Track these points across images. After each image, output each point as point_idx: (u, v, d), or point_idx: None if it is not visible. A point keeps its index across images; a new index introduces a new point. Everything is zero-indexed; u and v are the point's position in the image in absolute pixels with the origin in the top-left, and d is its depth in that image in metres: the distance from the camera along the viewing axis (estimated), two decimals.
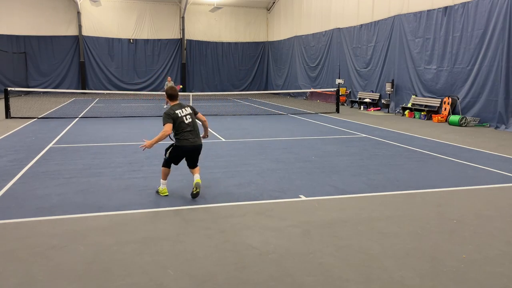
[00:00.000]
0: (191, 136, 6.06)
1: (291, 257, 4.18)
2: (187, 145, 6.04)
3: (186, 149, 6.08)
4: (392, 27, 19.55)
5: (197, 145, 6.12)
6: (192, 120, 6.13)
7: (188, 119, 6.09)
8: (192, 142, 6.05)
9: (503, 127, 13.80)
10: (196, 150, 6.15)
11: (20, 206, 5.63)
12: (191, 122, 6.11)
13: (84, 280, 3.68)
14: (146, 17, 32.52)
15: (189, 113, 6.15)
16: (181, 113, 6.06)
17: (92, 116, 16.50)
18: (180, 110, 6.09)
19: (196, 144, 6.09)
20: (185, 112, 6.11)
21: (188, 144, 6.04)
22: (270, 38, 35.07)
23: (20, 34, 29.81)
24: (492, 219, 5.34)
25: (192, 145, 6.06)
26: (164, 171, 6.19)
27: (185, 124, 6.04)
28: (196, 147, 6.12)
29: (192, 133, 6.07)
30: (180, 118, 6.03)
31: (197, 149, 6.16)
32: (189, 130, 6.05)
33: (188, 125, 6.06)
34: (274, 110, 20.44)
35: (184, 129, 6.02)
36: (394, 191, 6.54)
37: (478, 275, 3.85)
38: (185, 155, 6.16)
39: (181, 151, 6.10)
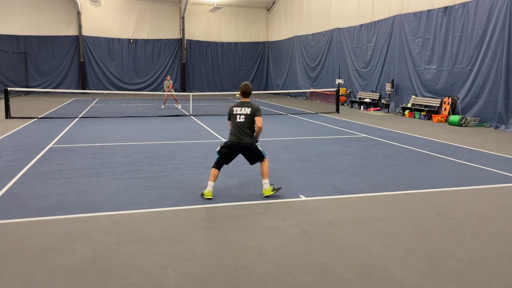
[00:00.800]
0: (237, 133, 6.12)
1: (291, 257, 4.18)
2: (233, 140, 6.13)
3: (232, 144, 6.14)
4: (392, 27, 19.55)
5: (244, 142, 6.10)
6: (244, 121, 6.12)
7: (241, 118, 6.13)
8: (237, 139, 6.10)
9: (503, 127, 13.80)
10: (242, 148, 6.15)
11: (20, 206, 5.63)
12: (242, 123, 6.12)
13: (84, 280, 3.68)
14: (146, 17, 32.51)
15: (246, 113, 6.13)
16: (237, 111, 6.16)
17: (92, 116, 16.51)
18: (238, 107, 6.18)
19: (241, 142, 6.09)
20: (242, 111, 6.15)
21: (234, 140, 6.12)
22: (270, 38, 35.07)
23: (20, 34, 29.80)
24: (492, 219, 5.34)
25: (238, 141, 6.10)
26: (213, 172, 6.16)
27: (236, 121, 6.15)
28: (241, 145, 6.11)
29: (240, 131, 6.10)
30: (234, 116, 6.17)
31: (243, 148, 6.14)
32: (238, 127, 6.12)
33: (238, 123, 6.12)
34: (274, 110, 20.44)
35: (235, 126, 6.16)
36: (394, 191, 6.54)
37: (478, 275, 3.85)
38: (232, 151, 6.19)
39: (227, 146, 6.18)
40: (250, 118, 6.13)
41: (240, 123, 6.12)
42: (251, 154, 6.22)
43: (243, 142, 6.10)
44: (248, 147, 6.15)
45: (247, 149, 6.16)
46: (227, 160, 6.26)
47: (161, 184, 6.76)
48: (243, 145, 6.11)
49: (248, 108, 6.16)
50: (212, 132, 12.61)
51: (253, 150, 6.19)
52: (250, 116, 6.13)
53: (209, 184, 6.08)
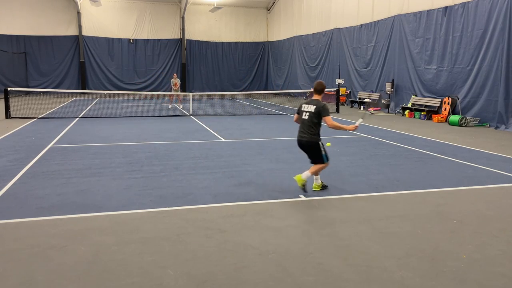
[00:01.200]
0: (300, 130, 6.36)
1: (291, 257, 4.18)
2: (297, 138, 6.44)
3: (297, 141, 6.46)
4: (392, 27, 19.55)
5: (304, 140, 6.28)
6: (308, 118, 6.26)
7: (305, 115, 6.29)
8: (299, 137, 6.37)
9: (503, 127, 13.79)
10: (302, 145, 6.37)
11: (20, 206, 5.63)
12: (305, 120, 6.28)
13: (84, 280, 3.68)
14: (146, 17, 32.51)
15: (310, 111, 6.26)
16: (304, 107, 6.34)
17: (92, 116, 16.51)
18: (306, 104, 6.35)
19: (303, 140, 6.31)
20: (308, 108, 6.29)
21: (297, 138, 6.43)
22: (270, 38, 35.06)
23: (20, 34, 29.80)
24: (492, 219, 5.34)
25: (299, 139, 6.39)
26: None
27: (301, 118, 6.36)
28: (303, 143, 6.32)
29: (302, 128, 6.31)
30: (301, 112, 6.38)
31: (303, 145, 6.34)
32: (302, 124, 6.32)
33: (303, 120, 6.31)
34: (274, 110, 20.44)
35: (300, 122, 6.40)
36: (394, 191, 6.54)
37: (478, 275, 3.85)
38: (300, 147, 6.47)
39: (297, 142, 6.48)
40: (313, 116, 6.22)
41: (304, 120, 6.29)
42: (311, 152, 6.35)
43: (303, 140, 6.31)
44: (308, 145, 6.30)
45: (307, 147, 6.32)
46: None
47: (161, 184, 6.76)
48: (303, 143, 6.32)
49: (313, 106, 6.26)
50: (212, 132, 12.61)
51: (314, 150, 6.30)
52: (313, 114, 6.22)
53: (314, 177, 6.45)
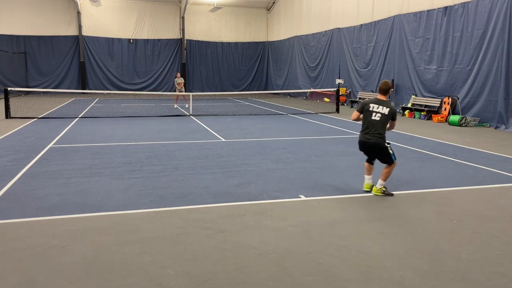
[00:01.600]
0: (366, 132, 6.07)
1: (291, 257, 4.18)
2: (361, 139, 6.17)
3: (360, 142, 6.21)
4: (392, 27, 19.55)
5: (372, 142, 6.03)
6: (380, 120, 5.96)
7: (376, 116, 5.97)
8: (365, 138, 6.09)
9: (503, 127, 13.79)
10: (368, 146, 6.12)
11: (20, 206, 5.63)
12: (376, 121, 5.96)
13: (84, 280, 3.68)
14: (146, 17, 32.51)
15: (383, 113, 5.97)
16: (373, 107, 6.01)
17: (92, 116, 16.51)
18: (375, 104, 6.01)
19: (370, 141, 6.05)
20: (379, 109, 5.97)
21: (362, 139, 6.16)
22: (270, 38, 35.06)
23: (20, 34, 29.79)
24: (492, 219, 5.34)
25: (365, 140, 6.12)
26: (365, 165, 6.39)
27: (370, 118, 6.00)
28: (371, 144, 6.06)
29: (370, 130, 6.02)
30: (369, 112, 6.01)
31: (370, 146, 6.09)
32: (371, 125, 6.00)
33: (373, 121, 5.98)
34: (274, 110, 20.44)
35: (367, 123, 6.04)
36: (394, 191, 6.54)
37: (478, 275, 3.85)
38: (363, 149, 6.25)
39: (359, 143, 6.24)
40: (386, 119, 6.00)
41: (374, 121, 5.97)
42: (380, 153, 6.13)
43: (370, 141, 6.07)
44: (375, 146, 6.07)
45: (374, 148, 6.11)
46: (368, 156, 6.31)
47: (161, 184, 6.76)
48: (370, 144, 6.09)
49: (386, 108, 6.00)
50: (212, 132, 12.61)
51: (382, 150, 6.08)
52: (387, 117, 5.99)
53: (365, 177, 6.32)
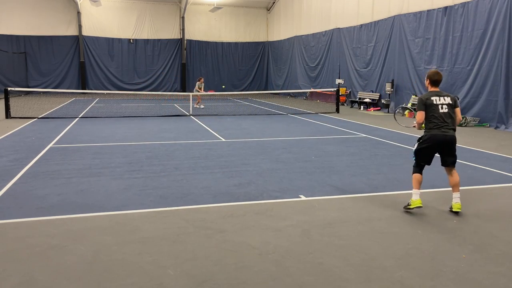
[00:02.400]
0: (442, 125, 5.40)
1: (291, 257, 4.18)
2: (436, 134, 5.39)
3: (435, 138, 5.41)
4: (392, 27, 19.55)
5: (450, 136, 5.41)
6: (448, 111, 5.44)
7: (444, 108, 5.43)
8: (443, 132, 5.39)
9: (503, 127, 13.80)
10: (446, 143, 5.43)
11: (20, 206, 5.63)
12: (446, 113, 5.43)
13: (84, 280, 3.68)
14: (146, 17, 32.51)
15: (448, 103, 5.46)
16: (436, 100, 5.46)
17: (92, 116, 16.51)
18: (437, 97, 5.47)
19: (448, 135, 5.39)
20: (443, 100, 5.46)
21: (438, 133, 5.39)
22: (270, 38, 35.07)
23: (20, 34, 29.80)
24: (492, 219, 5.34)
25: (444, 135, 5.38)
26: (414, 178, 5.57)
27: (439, 112, 5.42)
28: (449, 139, 5.41)
29: (444, 123, 5.41)
30: (435, 106, 5.43)
31: (448, 142, 5.42)
32: (442, 119, 5.41)
33: (443, 114, 5.42)
34: (274, 110, 20.44)
35: (438, 117, 5.42)
36: (394, 191, 6.54)
37: (478, 275, 3.85)
38: (434, 146, 5.47)
39: (431, 141, 5.44)
40: (451, 108, 5.47)
41: (444, 114, 5.40)
42: (452, 151, 5.49)
43: (448, 135, 5.40)
44: (453, 141, 5.46)
45: (451, 144, 5.45)
46: (429, 159, 5.56)
47: (161, 184, 6.76)
48: (449, 139, 5.41)
49: (447, 97, 5.49)
50: (212, 132, 12.61)
51: (455, 147, 5.50)
52: (451, 106, 5.47)
53: (414, 192, 5.50)
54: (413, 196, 5.50)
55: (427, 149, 5.49)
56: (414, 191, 5.50)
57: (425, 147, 5.48)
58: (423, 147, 5.50)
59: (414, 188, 5.52)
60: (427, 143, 5.46)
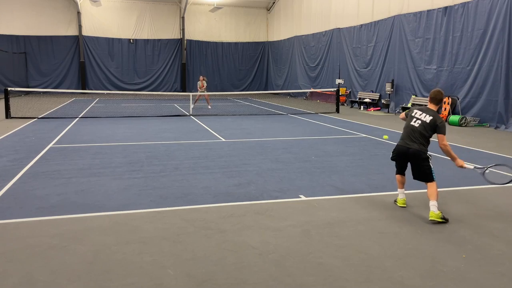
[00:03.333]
0: (406, 137, 5.44)
1: (291, 257, 4.18)
2: (400, 144, 5.52)
3: (398, 150, 5.54)
4: (392, 27, 19.55)
5: (410, 149, 5.36)
6: (418, 127, 5.35)
7: (416, 123, 5.39)
8: (404, 144, 5.43)
9: (503, 127, 13.80)
10: (407, 155, 5.42)
11: (20, 206, 5.63)
12: (414, 127, 5.38)
13: (84, 280, 3.68)
14: (146, 17, 32.51)
15: (425, 121, 5.34)
16: (416, 113, 5.47)
17: (92, 116, 16.51)
18: (420, 112, 5.46)
19: (407, 148, 5.39)
20: (421, 117, 5.39)
21: (401, 144, 5.49)
22: (270, 38, 35.06)
23: (20, 34, 29.79)
24: (492, 219, 5.34)
25: (404, 147, 5.43)
26: (396, 178, 5.82)
27: (409, 123, 5.46)
28: (408, 151, 5.38)
29: (410, 135, 5.40)
30: (410, 117, 5.50)
31: (409, 154, 5.39)
32: (409, 131, 5.42)
33: (411, 126, 5.42)
34: (274, 110, 20.44)
35: (406, 128, 5.51)
36: (394, 191, 6.53)
37: (478, 275, 3.85)
38: (400, 158, 5.56)
39: (395, 152, 5.62)
40: (427, 128, 5.33)
41: (413, 127, 5.39)
42: (418, 165, 5.39)
43: (410, 149, 5.37)
44: (415, 154, 5.34)
45: (414, 158, 5.37)
46: (401, 168, 5.67)
47: (161, 184, 6.76)
48: (410, 152, 5.38)
49: (430, 117, 5.34)
50: (212, 132, 12.61)
51: (422, 162, 5.34)
52: (428, 126, 5.32)
53: (399, 191, 5.75)
54: (399, 195, 5.82)
55: (396, 159, 5.74)
56: (398, 191, 5.82)
57: (395, 158, 5.75)
58: (393, 157, 5.77)
59: (398, 188, 5.83)
60: (395, 154, 5.72)
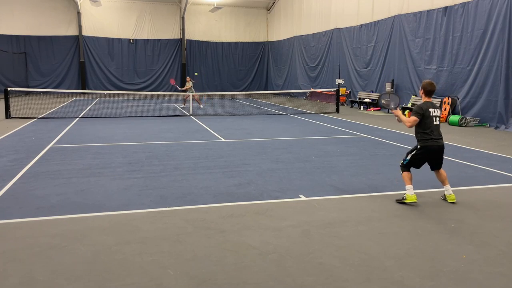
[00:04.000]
0: (436, 137, 5.84)
1: (291, 257, 4.18)
2: (432, 145, 5.82)
3: (432, 149, 5.84)
4: (392, 27, 19.55)
5: (440, 145, 5.87)
6: (439, 124, 5.93)
7: (437, 121, 5.87)
8: (436, 142, 5.83)
9: (503, 127, 13.79)
10: (438, 151, 5.89)
11: (20, 206, 5.63)
12: (438, 126, 5.90)
13: (84, 280, 3.68)
14: (146, 17, 32.51)
15: (439, 116, 5.93)
16: (432, 112, 5.85)
17: (92, 116, 16.51)
18: (432, 109, 5.86)
19: (439, 144, 5.85)
20: (436, 113, 5.89)
21: (434, 144, 5.82)
22: (270, 38, 35.07)
23: (20, 34, 29.79)
24: (492, 219, 5.35)
25: (436, 144, 5.83)
26: (406, 175, 5.96)
27: (433, 124, 5.83)
28: (440, 148, 5.88)
29: (438, 134, 5.88)
30: (431, 118, 5.82)
31: (440, 150, 5.90)
32: (437, 131, 5.86)
33: (437, 126, 5.87)
34: (274, 110, 20.44)
35: (434, 129, 5.83)
36: (394, 191, 6.54)
37: (478, 275, 3.85)
38: (429, 155, 5.91)
39: (426, 151, 5.87)
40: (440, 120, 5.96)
41: (437, 126, 5.88)
42: (442, 157, 5.97)
43: (441, 144, 5.88)
44: (443, 149, 5.94)
45: (442, 151, 5.93)
46: (420, 165, 6.05)
47: (161, 184, 6.76)
48: (441, 148, 5.90)
49: (438, 110, 5.95)
50: (212, 132, 12.61)
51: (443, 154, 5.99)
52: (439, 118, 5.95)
53: (408, 188, 5.88)
54: (408, 191, 5.85)
55: (421, 158, 5.93)
56: (408, 187, 5.87)
57: (420, 157, 5.91)
58: (418, 156, 5.91)
59: (407, 184, 5.90)
60: (422, 154, 5.88)
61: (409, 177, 5.92)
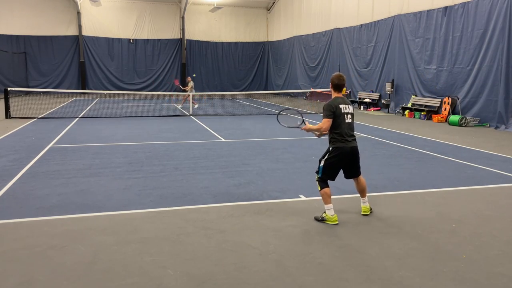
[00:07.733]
0: (348, 137, 5.10)
1: (291, 257, 4.18)
2: (343, 147, 5.08)
3: (343, 152, 5.08)
4: (392, 27, 19.55)
5: (354, 147, 5.15)
6: (352, 122, 5.18)
7: (349, 119, 5.14)
8: (349, 143, 5.10)
9: (503, 127, 13.79)
10: (352, 154, 5.14)
11: (20, 206, 5.63)
12: (351, 124, 5.18)
13: (84, 280, 3.68)
14: (146, 17, 32.51)
15: (352, 112, 5.20)
16: (344, 109, 5.12)
17: (92, 116, 16.50)
18: (343, 105, 5.13)
19: (352, 147, 5.12)
20: (348, 109, 5.15)
21: (345, 146, 5.08)
22: (270, 38, 35.06)
23: (20, 34, 29.79)
24: (492, 219, 5.34)
25: (349, 147, 5.10)
26: (325, 193, 5.09)
27: (345, 122, 5.09)
28: (353, 150, 5.14)
29: (350, 135, 5.14)
30: (342, 116, 5.09)
31: (354, 153, 5.16)
32: (349, 130, 5.13)
33: (349, 125, 5.13)
34: (274, 110, 20.44)
35: (345, 128, 5.09)
36: (394, 191, 6.54)
37: (478, 275, 3.85)
38: (341, 160, 5.12)
39: (339, 154, 5.08)
40: (353, 117, 5.24)
41: (349, 124, 5.14)
42: (358, 161, 5.25)
43: (354, 147, 5.15)
44: (357, 152, 5.21)
45: (357, 155, 5.20)
46: (334, 174, 5.19)
47: (161, 184, 6.76)
48: (355, 150, 5.16)
49: (351, 106, 5.22)
50: (212, 132, 12.61)
51: (358, 158, 5.25)
52: (352, 115, 5.25)
53: (328, 208, 5.08)
54: (328, 211, 5.09)
55: (335, 163, 5.13)
56: (327, 206, 5.09)
57: (334, 161, 5.12)
58: (331, 160, 5.12)
59: (327, 204, 5.09)
60: (335, 157, 5.11)
61: (329, 194, 5.09)
